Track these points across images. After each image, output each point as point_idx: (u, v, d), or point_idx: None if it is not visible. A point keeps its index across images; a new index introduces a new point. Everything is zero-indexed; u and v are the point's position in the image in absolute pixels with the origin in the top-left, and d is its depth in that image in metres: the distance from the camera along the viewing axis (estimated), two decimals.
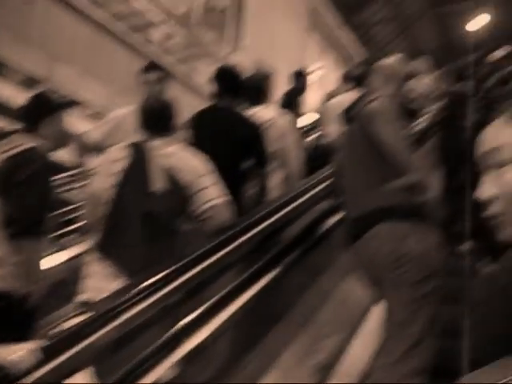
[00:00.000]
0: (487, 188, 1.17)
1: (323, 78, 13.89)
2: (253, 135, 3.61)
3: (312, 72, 12.58)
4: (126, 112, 3.93)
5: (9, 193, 2.78)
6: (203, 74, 9.05)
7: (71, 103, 3.34)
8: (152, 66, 4.16)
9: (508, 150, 1.09)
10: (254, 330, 2.82)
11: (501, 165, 1.13)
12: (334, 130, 5.00)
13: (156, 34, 8.13)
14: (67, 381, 1.76)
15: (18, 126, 3.10)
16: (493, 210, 1.15)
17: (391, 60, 3.07)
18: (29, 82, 6.47)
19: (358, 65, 7.11)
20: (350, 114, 2.85)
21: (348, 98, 5.52)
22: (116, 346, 2.09)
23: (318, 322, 3.26)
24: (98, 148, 3.66)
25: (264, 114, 4.10)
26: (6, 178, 2.82)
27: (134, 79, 4.04)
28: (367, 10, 17.63)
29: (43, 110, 3.06)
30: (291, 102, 6.21)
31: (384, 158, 2.62)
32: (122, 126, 3.81)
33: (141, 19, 7.84)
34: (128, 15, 7.58)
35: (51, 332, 1.99)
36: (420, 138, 6.17)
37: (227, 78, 3.78)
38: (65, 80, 6.85)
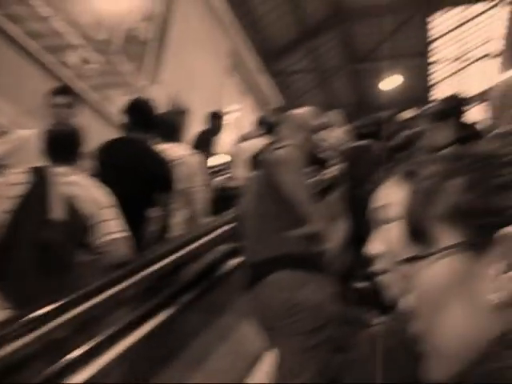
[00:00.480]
0: (375, 244, 1.23)
1: (239, 120, 14.12)
2: (161, 171, 3.59)
3: (228, 113, 12.79)
4: (30, 133, 3.85)
5: None
6: (116, 104, 9.00)
7: None
8: (62, 90, 4.11)
9: (394, 209, 1.16)
10: (146, 368, 2.77)
11: (388, 222, 1.20)
12: (242, 173, 5.09)
13: (72, 58, 8.00)
14: None
15: None
16: (378, 266, 1.21)
17: (302, 111, 3.17)
18: None
19: (273, 111, 7.29)
20: (257, 160, 2.91)
21: (259, 142, 5.67)
22: None
23: (212, 364, 3.24)
24: None
25: (175, 151, 4.11)
26: None
27: (43, 100, 3.96)
28: (288, 59, 18.18)
29: None
30: (204, 142, 6.26)
31: (286, 205, 2.68)
32: (24, 147, 3.72)
33: (58, 40, 7.67)
34: (44, 34, 7.41)
35: None
36: (327, 188, 6.38)
37: (140, 111, 3.74)
38: None
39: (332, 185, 6.70)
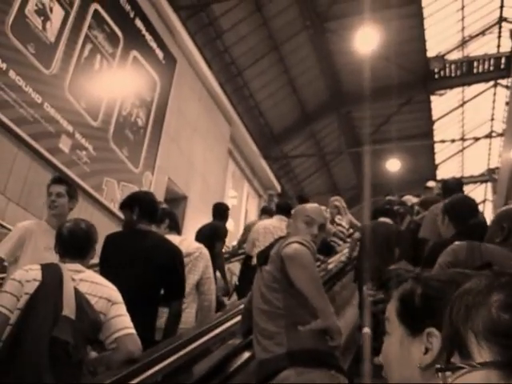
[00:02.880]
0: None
1: (235, 207, 14.28)
2: (174, 262, 3.68)
3: (227, 199, 12.99)
4: (28, 224, 3.97)
5: None
6: (113, 191, 9.10)
7: None
8: (60, 179, 4.26)
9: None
10: None
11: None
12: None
13: (65, 144, 8.16)
14: None
15: None
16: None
17: (313, 205, 3.28)
18: None
19: (275, 197, 7.46)
20: (266, 254, 2.99)
21: (268, 225, 5.88)
22: None
23: None
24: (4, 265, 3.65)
25: (189, 243, 4.28)
26: None
27: (32, 187, 4.08)
28: (288, 143, 18.56)
29: None
30: (214, 234, 6.41)
31: (296, 301, 2.74)
32: (26, 238, 3.83)
33: (50, 126, 7.86)
34: (36, 120, 7.58)
35: None
36: (337, 274, 6.43)
37: (144, 203, 3.86)
38: None
39: (343, 270, 6.78)
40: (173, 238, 4.01)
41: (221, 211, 6.97)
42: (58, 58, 8.10)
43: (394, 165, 19.83)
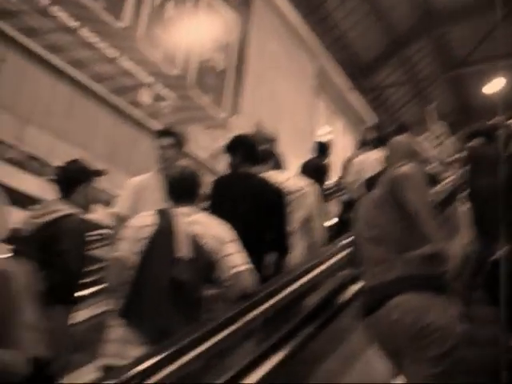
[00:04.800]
0: None
1: (332, 142, 14.17)
2: (278, 202, 3.83)
3: (321, 136, 12.90)
4: (140, 180, 4.19)
5: (49, 260, 3.00)
6: (198, 139, 9.24)
7: (101, 172, 3.60)
8: (166, 131, 4.41)
9: None
10: None
11: None
12: (356, 192, 5.28)
13: (145, 96, 8.28)
14: None
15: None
16: None
17: (404, 137, 3.28)
18: None
19: (371, 129, 7.40)
20: (373, 181, 3.02)
21: (369, 157, 5.87)
22: None
23: None
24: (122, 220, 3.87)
25: (293, 182, 4.41)
26: (45, 245, 3.07)
27: (117, 143, 4.27)
28: (378, 73, 18.14)
29: (77, 178, 3.34)
30: (315, 170, 6.43)
31: (407, 225, 2.76)
32: (140, 193, 4.04)
33: (128, 80, 7.99)
34: (114, 76, 7.73)
35: None
36: (442, 204, 6.36)
37: (245, 146, 3.99)
38: (37, 145, 7.00)
39: (448, 200, 6.69)
40: (277, 178, 4.15)
41: (321, 148, 6.98)
42: (129, 9, 8.14)
43: (496, 85, 18.97)
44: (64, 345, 3.09)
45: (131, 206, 4.03)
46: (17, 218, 3.28)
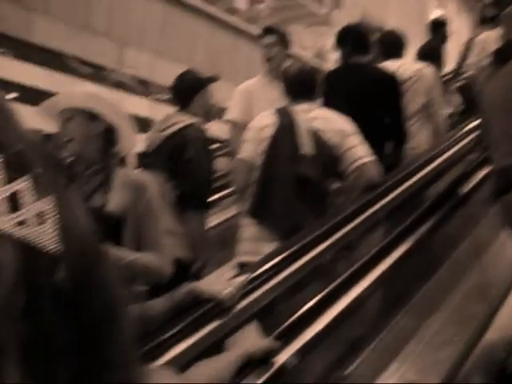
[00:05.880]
0: None
1: (447, 22, 13.39)
2: (393, 90, 3.74)
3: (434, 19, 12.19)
4: (248, 84, 4.21)
5: (178, 170, 3.14)
6: (301, 39, 8.98)
7: (214, 78, 3.65)
8: (268, 30, 4.37)
9: None
10: (403, 288, 2.94)
11: None
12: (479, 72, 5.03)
13: (240, 1, 8.09)
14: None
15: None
16: None
17: None
18: (97, 73, 6.67)
19: (490, 5, 6.92)
20: (500, 54, 2.87)
21: (490, 36, 5.54)
22: (272, 305, 2.30)
23: (470, 279, 3.33)
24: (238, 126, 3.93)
25: (407, 68, 4.24)
26: (172, 156, 3.20)
27: (218, 54, 4.24)
28: None
29: (193, 87, 3.41)
30: (432, 53, 6.15)
31: None
32: (251, 97, 4.08)
33: None
34: None
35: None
36: None
37: (354, 37, 3.90)
38: (137, 65, 7.07)
39: None
40: (390, 65, 4.07)
41: (435, 29, 6.65)
42: None
43: None
44: (202, 247, 3.26)
45: (244, 111, 4.07)
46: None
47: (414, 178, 3.03)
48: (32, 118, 2.59)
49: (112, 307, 0.67)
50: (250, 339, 1.70)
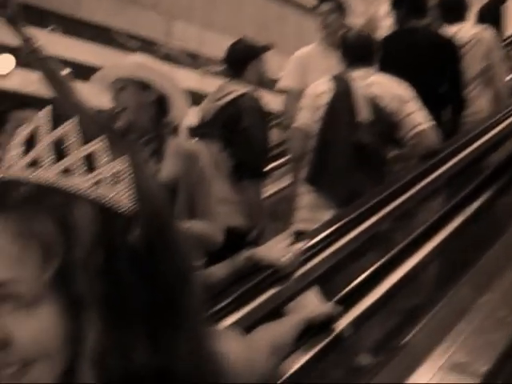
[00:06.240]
0: None
1: None
2: (450, 54, 3.67)
3: None
4: (303, 52, 4.17)
5: (233, 139, 3.15)
6: (353, 6, 8.78)
7: (267, 47, 3.64)
8: None
9: None
10: (464, 256, 2.90)
11: None
12: None
13: None
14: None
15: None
16: None
17: None
18: (146, 46, 6.64)
19: None
20: None
21: None
22: (329, 274, 2.30)
23: None
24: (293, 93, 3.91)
25: (465, 31, 4.14)
26: (227, 125, 3.22)
27: (263, 24, 4.19)
28: None
29: (246, 56, 3.41)
30: (491, 15, 5.96)
31: None
32: (306, 64, 4.04)
33: None
34: None
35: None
36: None
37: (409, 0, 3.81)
38: (185, 38, 7.03)
39: None
40: (448, 29, 3.97)
41: None
42: None
43: None
44: (258, 216, 3.28)
45: (299, 79, 4.05)
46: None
47: (474, 145, 2.97)
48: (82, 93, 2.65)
49: (183, 269, 0.68)
50: (311, 305, 1.71)
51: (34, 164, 0.63)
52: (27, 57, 2.58)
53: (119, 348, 0.61)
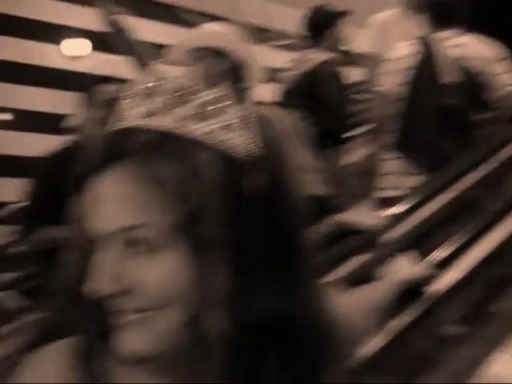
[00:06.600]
0: None
1: None
2: None
3: None
4: (382, 16, 4.08)
5: (314, 107, 3.14)
6: None
7: (345, 13, 3.58)
8: None
9: None
10: None
11: None
12: None
13: None
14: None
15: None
16: None
17: None
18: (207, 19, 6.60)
19: None
20: None
21: None
22: (417, 240, 2.25)
23: None
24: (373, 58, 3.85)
25: None
26: (307, 93, 3.20)
27: None
28: None
29: (324, 22, 3.38)
30: None
31: None
32: (387, 28, 3.95)
33: None
34: None
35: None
36: None
37: None
38: (252, 13, 6.96)
39: None
40: None
41: None
42: None
43: None
44: (341, 183, 3.26)
45: (379, 43, 3.96)
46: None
47: None
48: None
49: (300, 218, 0.69)
50: (405, 268, 1.68)
51: (151, 113, 0.64)
52: (116, 40, 2.63)
53: (244, 292, 0.61)
